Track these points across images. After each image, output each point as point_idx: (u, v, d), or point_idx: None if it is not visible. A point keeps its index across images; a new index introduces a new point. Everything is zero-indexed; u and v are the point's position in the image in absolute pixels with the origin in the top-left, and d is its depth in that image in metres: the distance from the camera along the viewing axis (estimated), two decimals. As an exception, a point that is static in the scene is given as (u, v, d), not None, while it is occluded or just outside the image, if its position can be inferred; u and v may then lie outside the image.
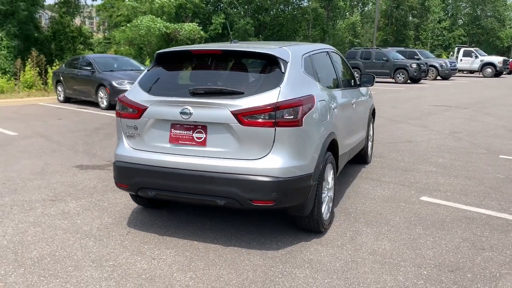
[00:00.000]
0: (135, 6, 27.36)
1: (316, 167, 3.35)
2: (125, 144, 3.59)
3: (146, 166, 3.41)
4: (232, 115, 3.14)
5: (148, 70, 3.81)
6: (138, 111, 3.46)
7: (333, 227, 3.87)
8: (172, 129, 3.37)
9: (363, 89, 5.49)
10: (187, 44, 26.59)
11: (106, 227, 3.86)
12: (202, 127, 3.28)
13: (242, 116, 3.12)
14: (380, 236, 3.70)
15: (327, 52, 4.57)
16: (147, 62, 21.11)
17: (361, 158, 5.84)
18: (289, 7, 38.04)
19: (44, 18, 27.53)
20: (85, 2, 28.42)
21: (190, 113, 3.24)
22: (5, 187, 4.99)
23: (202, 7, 31.53)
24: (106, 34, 33.25)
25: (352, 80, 5.23)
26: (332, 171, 3.83)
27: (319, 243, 3.53)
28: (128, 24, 25.24)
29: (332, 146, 3.80)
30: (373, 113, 6.15)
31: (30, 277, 2.97)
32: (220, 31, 32.00)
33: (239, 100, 3.16)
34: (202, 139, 3.28)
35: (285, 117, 3.11)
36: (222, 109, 3.17)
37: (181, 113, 3.27)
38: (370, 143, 6.06)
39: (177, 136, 3.36)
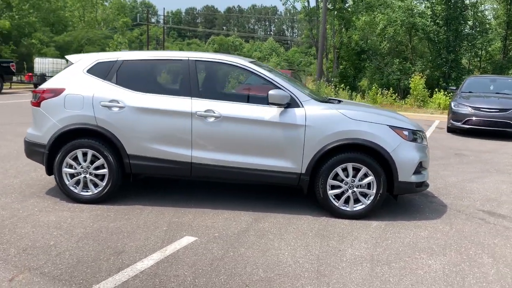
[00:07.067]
0: None
1: (48, 141, 4.46)
2: None
3: None
4: None
5: None
6: None
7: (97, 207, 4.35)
8: None
9: (294, 113, 4.27)
10: None
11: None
12: None
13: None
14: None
15: (186, 61, 4.51)
16: None
17: (312, 196, 4.49)
18: None
19: None
20: None
21: None
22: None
23: None
24: None
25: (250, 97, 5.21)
26: (99, 159, 4.41)
27: (50, 207, 4.34)
28: None
29: (97, 138, 4.43)
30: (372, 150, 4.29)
31: None
32: None
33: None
34: None
35: (37, 100, 4.59)
36: None
37: None
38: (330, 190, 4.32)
39: None
